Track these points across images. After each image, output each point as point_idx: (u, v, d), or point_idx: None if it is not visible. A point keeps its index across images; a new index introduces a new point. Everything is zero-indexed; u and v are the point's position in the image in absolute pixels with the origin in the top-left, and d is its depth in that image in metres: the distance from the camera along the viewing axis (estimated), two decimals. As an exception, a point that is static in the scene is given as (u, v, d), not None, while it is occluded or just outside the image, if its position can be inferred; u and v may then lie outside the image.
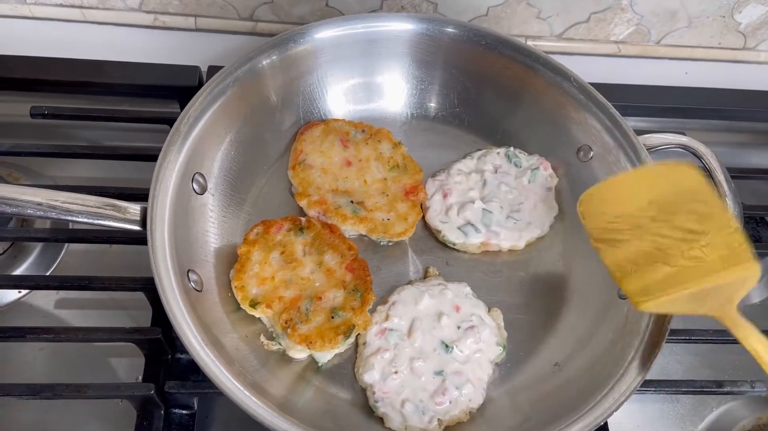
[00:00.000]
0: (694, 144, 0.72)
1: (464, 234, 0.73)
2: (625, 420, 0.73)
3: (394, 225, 0.72)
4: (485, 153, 0.79)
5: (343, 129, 0.77)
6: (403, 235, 0.72)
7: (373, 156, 0.76)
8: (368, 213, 0.72)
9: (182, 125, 0.66)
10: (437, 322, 0.67)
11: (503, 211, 0.75)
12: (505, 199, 0.76)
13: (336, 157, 0.75)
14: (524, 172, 0.77)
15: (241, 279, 0.66)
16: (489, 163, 0.78)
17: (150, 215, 0.60)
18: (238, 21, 0.93)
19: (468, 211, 0.74)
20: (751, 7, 0.93)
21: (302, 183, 0.73)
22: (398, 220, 0.73)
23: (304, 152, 0.75)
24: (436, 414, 0.63)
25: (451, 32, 0.78)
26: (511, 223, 0.75)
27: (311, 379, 0.66)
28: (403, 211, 0.73)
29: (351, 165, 0.75)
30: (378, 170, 0.75)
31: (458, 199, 0.75)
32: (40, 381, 0.64)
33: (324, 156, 0.75)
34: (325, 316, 0.65)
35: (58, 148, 0.79)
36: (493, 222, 0.74)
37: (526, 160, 0.78)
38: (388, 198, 0.74)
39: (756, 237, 0.84)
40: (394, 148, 0.77)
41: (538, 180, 0.77)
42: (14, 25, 0.91)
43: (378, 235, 0.72)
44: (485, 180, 0.76)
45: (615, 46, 0.99)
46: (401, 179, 0.75)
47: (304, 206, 0.72)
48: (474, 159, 0.78)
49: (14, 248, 0.75)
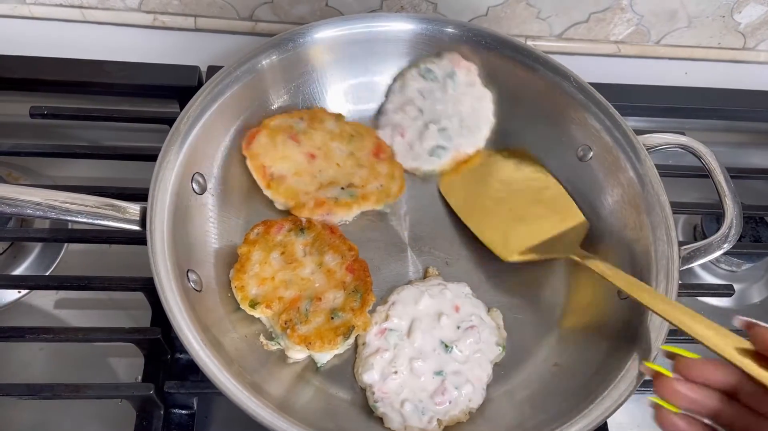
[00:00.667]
0: (693, 144, 0.72)
1: (437, 157, 0.77)
2: (625, 420, 0.73)
3: (390, 187, 0.74)
4: (402, 84, 0.79)
5: (284, 125, 0.74)
6: (402, 190, 0.75)
7: (327, 138, 0.74)
8: (362, 189, 0.72)
9: (182, 125, 0.66)
10: (437, 322, 0.67)
11: (453, 123, 0.78)
12: (446, 114, 0.78)
13: (298, 156, 0.73)
14: (445, 82, 0.78)
15: (241, 279, 0.66)
16: (413, 91, 0.79)
17: (149, 215, 0.60)
18: (238, 21, 0.93)
19: (428, 137, 0.77)
20: (750, 7, 0.93)
21: (289, 195, 0.71)
22: (389, 181, 0.74)
23: (267, 165, 0.72)
24: (436, 414, 0.63)
25: (451, 32, 0.78)
26: (466, 130, 0.78)
27: (311, 379, 0.66)
28: (386, 172, 0.74)
29: (315, 157, 0.73)
30: (340, 149, 0.74)
31: (413, 132, 0.77)
32: (40, 381, 0.64)
33: (287, 160, 0.72)
34: (325, 317, 0.64)
35: (57, 148, 0.79)
36: (453, 136, 0.78)
37: (439, 70, 0.79)
38: (367, 168, 0.74)
39: (756, 237, 0.84)
40: (337, 121, 0.76)
41: (459, 82, 0.78)
42: (14, 25, 0.91)
43: (383, 204, 0.73)
44: (420, 108, 0.78)
45: (615, 46, 0.99)
46: (363, 145, 0.75)
47: (306, 215, 0.70)
48: (397, 94, 0.79)
49: (13, 248, 0.75)
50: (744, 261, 0.82)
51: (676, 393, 0.50)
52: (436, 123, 0.78)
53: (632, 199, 0.71)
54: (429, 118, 0.78)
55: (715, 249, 0.66)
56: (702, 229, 0.84)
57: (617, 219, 0.72)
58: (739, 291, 0.80)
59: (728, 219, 0.67)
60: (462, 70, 0.78)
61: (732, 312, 0.81)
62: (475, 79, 0.79)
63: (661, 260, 0.66)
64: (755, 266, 0.83)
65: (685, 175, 0.84)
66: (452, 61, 0.78)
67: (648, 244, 0.67)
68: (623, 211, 0.72)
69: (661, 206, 0.68)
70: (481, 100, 0.79)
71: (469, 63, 0.79)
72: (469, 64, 0.79)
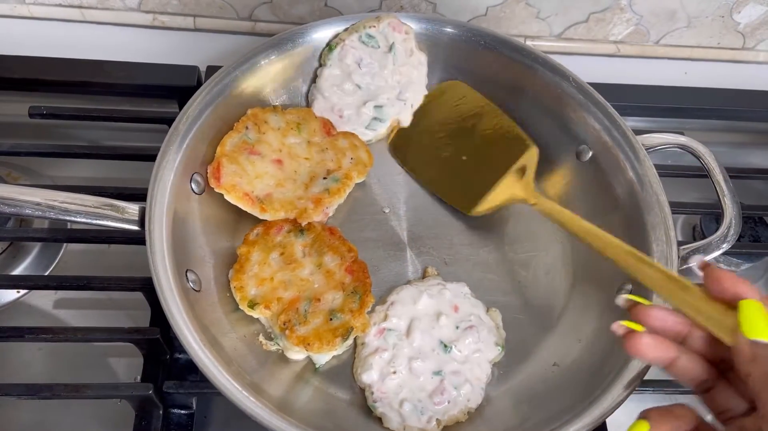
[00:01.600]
0: (692, 144, 0.72)
1: (373, 130, 0.78)
2: (625, 419, 0.72)
3: (359, 156, 0.75)
4: (341, 50, 0.77)
5: (238, 144, 0.71)
6: (370, 154, 0.76)
7: (280, 137, 0.73)
8: (341, 170, 0.73)
9: (181, 125, 0.66)
10: (436, 322, 0.67)
11: (390, 96, 0.78)
12: (384, 88, 0.78)
13: (268, 168, 0.71)
14: (384, 52, 0.77)
15: (240, 280, 0.66)
16: (351, 61, 0.77)
17: (148, 215, 0.60)
18: (237, 21, 0.93)
19: (364, 114, 0.77)
20: (750, 7, 0.93)
21: (286, 208, 0.69)
22: (355, 151, 0.75)
23: (248, 191, 0.69)
24: (435, 414, 0.63)
25: (450, 32, 0.78)
26: (401, 103, 0.79)
27: (310, 379, 0.66)
28: (347, 144, 0.75)
29: (282, 161, 0.72)
30: (297, 143, 0.73)
31: (349, 110, 0.77)
32: (39, 381, 0.64)
33: (262, 177, 0.70)
34: (324, 318, 0.64)
35: (56, 148, 0.79)
36: (389, 110, 0.78)
37: (380, 36, 0.77)
38: (330, 148, 0.74)
39: (755, 237, 0.84)
40: (278, 114, 0.74)
41: (399, 52, 0.77)
42: (13, 25, 0.91)
43: (365, 174, 0.75)
44: (357, 84, 0.77)
45: (614, 46, 0.99)
46: (313, 128, 0.75)
47: (314, 217, 0.70)
48: (336, 60, 0.77)
49: (13, 248, 0.75)
50: (743, 261, 0.82)
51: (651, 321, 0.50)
52: (373, 100, 0.77)
53: (631, 198, 0.71)
54: (367, 96, 0.77)
55: (715, 249, 0.66)
56: (701, 229, 0.84)
57: (616, 220, 0.72)
58: (738, 291, 0.80)
59: (727, 219, 0.67)
60: (401, 35, 0.77)
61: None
62: (412, 46, 0.78)
63: (660, 260, 0.66)
64: (754, 266, 0.83)
65: (685, 175, 0.84)
66: (391, 24, 0.77)
67: (648, 244, 0.67)
68: (622, 210, 0.72)
69: (660, 206, 0.68)
70: (418, 67, 0.79)
71: (407, 26, 0.78)
72: (407, 27, 0.78)
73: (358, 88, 0.77)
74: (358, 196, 0.76)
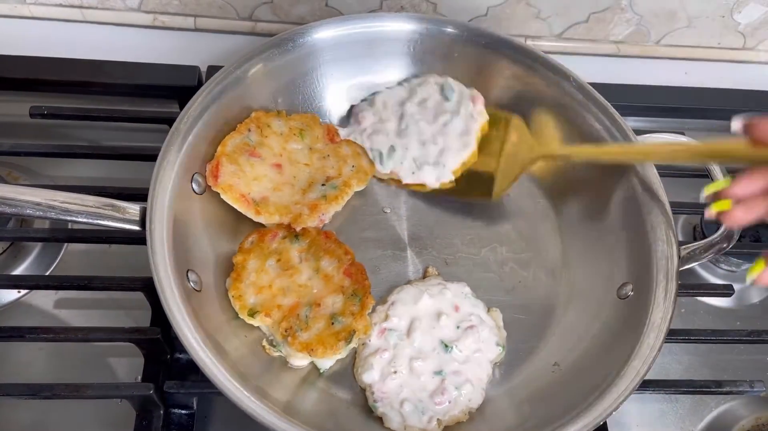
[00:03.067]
0: (693, 144, 0.72)
1: (374, 158, 0.76)
2: (625, 420, 0.73)
3: (361, 164, 0.75)
4: (421, 82, 0.78)
5: (239, 145, 0.71)
6: (372, 163, 0.76)
7: (282, 141, 0.73)
8: (341, 177, 0.73)
9: (182, 125, 0.66)
10: (436, 322, 0.67)
11: (409, 151, 0.75)
12: (418, 137, 0.76)
13: (267, 172, 0.71)
14: (453, 108, 0.76)
15: (238, 289, 0.65)
16: (418, 95, 0.77)
17: (149, 215, 0.60)
18: (238, 21, 0.93)
19: (377, 141, 0.76)
20: (750, 7, 0.93)
21: (281, 212, 0.69)
22: (357, 159, 0.75)
23: (245, 193, 0.69)
24: (436, 413, 0.63)
25: (451, 32, 0.78)
26: (415, 165, 0.75)
27: (314, 382, 0.65)
28: (349, 152, 0.75)
29: (282, 165, 0.72)
30: (299, 148, 0.74)
31: (371, 128, 0.76)
32: (39, 380, 0.64)
33: (260, 180, 0.70)
34: (325, 323, 0.64)
35: (57, 148, 0.79)
36: (398, 158, 0.76)
37: (458, 94, 0.77)
38: (331, 155, 0.74)
39: (755, 237, 0.84)
40: (281, 119, 0.74)
41: (459, 120, 0.75)
42: (13, 25, 0.91)
43: (365, 182, 0.74)
44: (403, 113, 0.76)
45: (614, 46, 0.99)
46: (316, 135, 0.75)
47: (308, 223, 0.69)
48: (405, 88, 0.78)
49: (13, 248, 0.75)
50: (744, 261, 0.82)
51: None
52: (400, 137, 0.75)
53: (632, 198, 0.71)
54: (401, 128, 0.76)
55: (715, 249, 0.66)
56: (702, 229, 0.84)
57: (617, 219, 0.72)
58: (739, 291, 0.80)
59: (728, 219, 0.67)
60: (476, 108, 0.76)
61: (732, 312, 0.81)
62: (476, 127, 0.76)
63: (661, 260, 0.66)
64: (755, 266, 0.83)
65: (685, 174, 0.84)
66: (475, 97, 0.77)
67: (648, 244, 0.67)
68: (623, 210, 0.72)
69: (660, 206, 0.68)
70: (458, 149, 0.75)
71: (483, 110, 0.77)
72: (484, 110, 0.77)
73: (399, 119, 0.76)
74: (359, 196, 0.76)
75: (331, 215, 0.73)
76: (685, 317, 0.80)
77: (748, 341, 0.74)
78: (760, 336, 0.73)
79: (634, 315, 0.65)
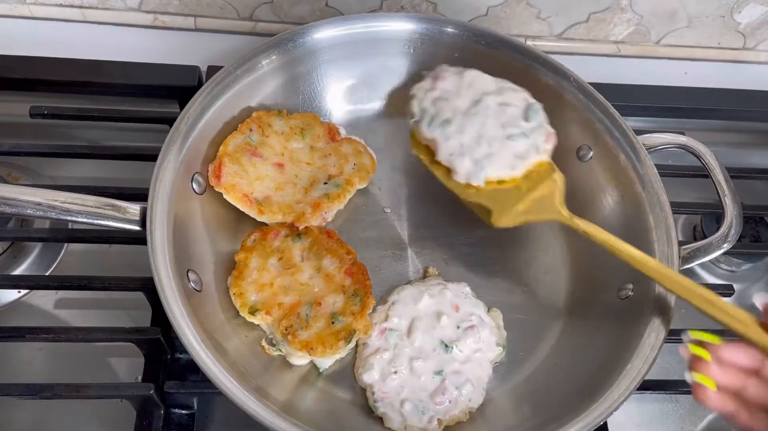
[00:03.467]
0: (693, 144, 0.72)
1: (421, 118, 0.69)
2: (625, 420, 0.73)
3: (363, 163, 0.75)
4: (514, 89, 0.71)
5: (240, 145, 0.71)
6: (374, 161, 0.76)
7: (283, 141, 0.73)
8: (342, 175, 0.73)
9: (182, 125, 0.66)
10: (437, 322, 0.67)
11: (462, 134, 0.67)
12: (479, 128, 0.68)
13: (269, 171, 0.72)
14: (527, 130, 0.68)
15: (240, 286, 0.65)
16: (504, 96, 0.70)
17: (149, 215, 0.60)
18: (238, 21, 0.93)
19: (439, 106, 0.69)
20: (750, 7, 0.93)
21: (283, 211, 0.69)
22: (358, 157, 0.75)
23: (247, 192, 0.69)
24: (436, 413, 0.63)
25: (451, 32, 0.78)
26: (459, 148, 0.67)
27: (313, 382, 0.66)
28: (351, 150, 0.75)
29: (283, 165, 0.72)
30: (300, 147, 0.74)
31: (443, 92, 0.70)
32: (40, 381, 0.64)
33: (263, 179, 0.71)
34: (326, 322, 0.64)
35: (57, 148, 0.79)
36: (447, 133, 0.68)
37: (538, 123, 0.69)
38: (333, 154, 0.74)
39: (755, 237, 0.84)
40: (282, 118, 0.74)
41: (529, 139, 0.68)
42: (14, 25, 0.91)
43: (367, 180, 0.75)
44: (480, 100, 0.69)
45: (614, 46, 0.99)
46: (317, 134, 0.75)
47: (310, 222, 0.70)
48: (497, 83, 0.71)
49: (13, 248, 0.75)
50: (744, 261, 0.82)
51: (713, 373, 0.53)
52: (466, 117, 0.68)
53: (632, 198, 0.71)
54: (470, 111, 0.69)
55: (715, 249, 0.66)
56: (702, 229, 0.84)
57: (617, 219, 0.72)
58: (739, 291, 0.80)
59: (728, 219, 0.67)
60: (547, 144, 0.69)
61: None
62: (544, 155, 0.69)
63: (661, 260, 0.66)
64: (755, 266, 0.83)
65: (685, 174, 0.84)
66: (549, 135, 0.69)
67: (648, 244, 0.67)
68: (623, 210, 0.72)
69: (660, 206, 0.69)
70: (510, 164, 0.68)
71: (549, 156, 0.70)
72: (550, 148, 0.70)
73: (472, 105, 0.69)
74: (360, 196, 0.76)
75: (334, 213, 0.73)
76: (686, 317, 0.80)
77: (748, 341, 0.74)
78: (760, 336, 0.73)
79: (634, 315, 0.65)
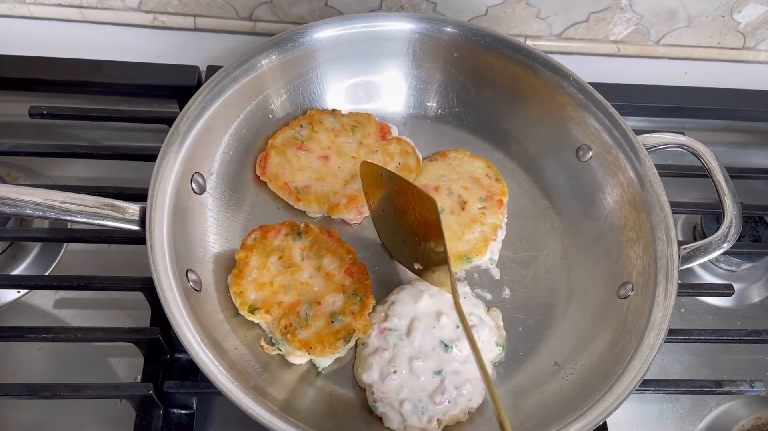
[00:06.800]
0: (693, 143, 0.72)
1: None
2: (625, 419, 0.73)
3: (408, 162, 0.76)
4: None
5: (289, 139, 0.75)
6: (419, 162, 0.77)
7: (332, 136, 0.76)
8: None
9: (181, 125, 0.66)
10: (436, 322, 0.67)
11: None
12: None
13: (313, 163, 0.74)
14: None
15: (240, 285, 0.65)
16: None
17: (149, 215, 0.60)
18: (237, 21, 0.93)
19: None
20: (750, 7, 0.93)
21: (319, 201, 0.72)
22: (405, 157, 0.76)
23: (288, 181, 0.72)
24: (435, 413, 0.63)
25: (451, 32, 0.78)
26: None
27: (312, 381, 0.66)
28: (398, 150, 0.77)
29: (329, 157, 0.75)
30: (348, 142, 0.76)
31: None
32: (39, 381, 0.64)
33: (305, 170, 0.74)
34: (325, 321, 0.64)
35: (56, 148, 0.79)
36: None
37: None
38: (379, 151, 0.76)
39: (755, 237, 0.84)
40: (335, 116, 0.77)
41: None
42: (13, 24, 0.91)
43: (410, 180, 0.74)
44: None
45: (614, 45, 0.99)
46: (368, 132, 0.77)
47: (343, 214, 0.72)
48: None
49: (13, 248, 0.75)
50: (744, 261, 0.82)
51: None
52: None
53: (632, 198, 0.71)
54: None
55: (715, 248, 0.66)
56: (702, 229, 0.84)
57: (617, 219, 0.72)
58: (738, 291, 0.80)
59: (728, 218, 0.67)
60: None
61: (732, 312, 0.81)
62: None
63: (660, 260, 0.66)
64: (755, 266, 0.83)
65: (685, 174, 0.84)
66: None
67: (648, 244, 0.67)
68: (623, 210, 0.72)
69: (660, 206, 0.68)
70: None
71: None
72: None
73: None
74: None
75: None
76: (685, 317, 0.80)
77: (748, 341, 0.75)
78: (760, 336, 0.73)
79: (634, 315, 0.65)
